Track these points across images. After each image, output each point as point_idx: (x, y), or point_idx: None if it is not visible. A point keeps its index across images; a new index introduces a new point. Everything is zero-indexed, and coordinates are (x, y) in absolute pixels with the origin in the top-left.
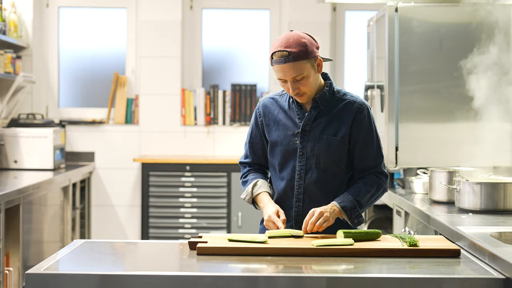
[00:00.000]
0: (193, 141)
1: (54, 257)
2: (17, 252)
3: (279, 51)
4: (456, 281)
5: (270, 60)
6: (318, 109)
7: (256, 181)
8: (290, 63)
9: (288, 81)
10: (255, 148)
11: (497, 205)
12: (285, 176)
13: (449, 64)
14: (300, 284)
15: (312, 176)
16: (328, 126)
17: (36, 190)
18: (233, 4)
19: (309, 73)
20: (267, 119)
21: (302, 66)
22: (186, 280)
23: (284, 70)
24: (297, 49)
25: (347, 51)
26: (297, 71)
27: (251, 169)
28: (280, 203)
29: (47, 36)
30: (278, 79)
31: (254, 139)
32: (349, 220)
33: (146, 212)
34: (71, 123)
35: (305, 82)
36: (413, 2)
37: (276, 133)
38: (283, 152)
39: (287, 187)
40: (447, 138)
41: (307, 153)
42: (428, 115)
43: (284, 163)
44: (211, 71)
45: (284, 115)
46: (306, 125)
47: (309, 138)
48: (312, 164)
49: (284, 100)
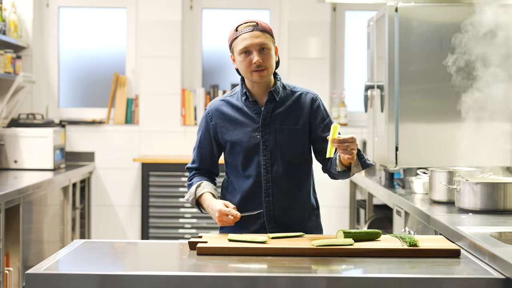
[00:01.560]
0: (193, 141)
1: (54, 257)
2: (17, 252)
3: (247, 22)
4: (456, 281)
5: (234, 33)
6: (274, 101)
7: (200, 183)
8: (259, 31)
9: (254, 51)
10: (203, 153)
11: (497, 205)
12: (251, 173)
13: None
14: (300, 284)
15: (278, 169)
16: (287, 117)
17: (36, 190)
18: (233, 4)
19: (271, 49)
20: (220, 121)
21: (268, 38)
22: (186, 280)
23: (252, 37)
24: (264, 23)
25: (347, 51)
26: (265, 39)
27: (196, 173)
28: (248, 202)
29: (47, 36)
30: (241, 51)
31: (202, 145)
32: (360, 161)
33: (146, 212)
34: (71, 123)
35: (268, 55)
36: (413, 2)
37: (235, 132)
38: (245, 149)
39: (254, 184)
40: (447, 138)
41: (271, 146)
42: (428, 115)
43: (247, 161)
44: (211, 71)
45: (240, 113)
46: (265, 118)
47: (270, 130)
48: (277, 156)
49: (236, 99)
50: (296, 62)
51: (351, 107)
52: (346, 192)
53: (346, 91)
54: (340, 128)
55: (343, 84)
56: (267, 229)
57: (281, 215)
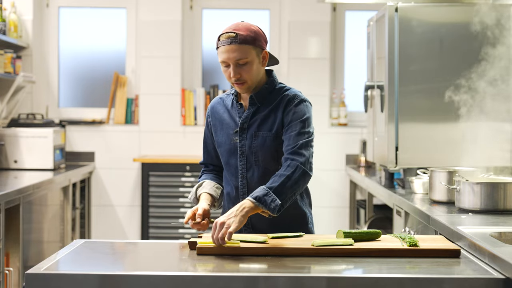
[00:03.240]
0: (193, 141)
1: (54, 257)
2: (17, 252)
3: (227, 32)
4: (456, 281)
5: (217, 43)
6: (255, 106)
7: (202, 182)
8: (236, 45)
9: (231, 65)
10: (209, 148)
11: (497, 205)
12: (230, 176)
13: (449, 64)
14: (300, 284)
15: (253, 174)
16: (264, 123)
17: (36, 190)
18: (233, 4)
19: (253, 60)
20: (214, 119)
21: (247, 50)
22: (186, 280)
23: (228, 51)
24: (245, 33)
25: (347, 51)
26: (242, 54)
27: (205, 170)
28: (230, 204)
29: (47, 36)
30: (221, 62)
31: (207, 140)
32: (267, 209)
33: (146, 212)
34: (71, 123)
35: (247, 68)
36: (413, 2)
37: (221, 133)
38: (227, 151)
39: (233, 187)
40: (447, 138)
41: (246, 151)
42: (428, 115)
43: (227, 163)
44: (211, 71)
45: (228, 115)
46: (244, 123)
47: (247, 136)
48: (252, 162)
49: (229, 100)
50: (296, 62)
51: (351, 107)
52: (346, 192)
53: (346, 91)
54: (340, 128)
55: (343, 84)
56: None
57: (257, 220)
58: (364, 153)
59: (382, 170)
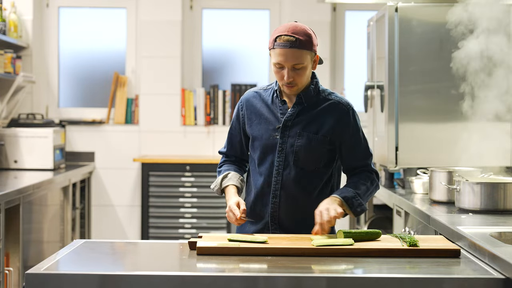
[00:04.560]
0: (193, 141)
1: (54, 257)
2: (17, 252)
3: (287, 35)
4: (456, 281)
5: (273, 43)
6: (301, 105)
7: (227, 173)
8: (295, 49)
9: (286, 68)
10: (234, 140)
11: (497, 205)
12: (263, 171)
13: (449, 64)
14: (300, 284)
15: (290, 173)
16: (310, 124)
17: (36, 190)
18: (233, 4)
19: (307, 65)
20: (249, 112)
21: (304, 55)
22: (186, 280)
23: (287, 55)
24: (304, 38)
25: (347, 51)
26: (299, 59)
27: (227, 160)
28: (258, 199)
29: (47, 36)
30: (275, 63)
31: (233, 131)
32: (351, 210)
33: (146, 212)
34: (71, 123)
35: (301, 72)
36: (413, 2)
37: (258, 127)
38: (263, 146)
39: (265, 183)
40: (447, 138)
41: (287, 149)
42: (428, 115)
43: (263, 158)
44: (211, 71)
45: (267, 110)
46: (288, 121)
47: (290, 133)
48: (291, 160)
49: (268, 95)
50: None
51: None
52: None
53: (346, 91)
54: None
55: (343, 84)
56: (270, 230)
57: (286, 219)
58: None
59: (382, 170)
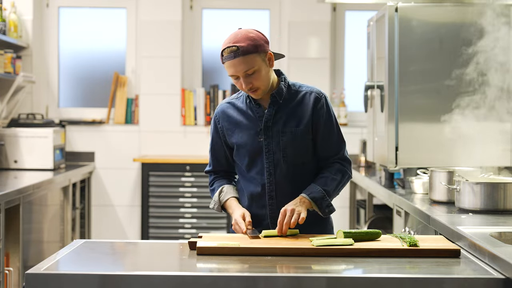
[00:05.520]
0: (193, 141)
1: (54, 257)
2: (17, 252)
3: (228, 47)
4: (456, 281)
5: (221, 58)
6: (277, 104)
7: (222, 188)
8: (240, 58)
9: (240, 77)
10: (218, 155)
11: (497, 205)
12: (255, 175)
13: (449, 64)
14: (300, 284)
15: (281, 171)
16: (289, 119)
17: (36, 190)
18: (233, 4)
19: (260, 67)
20: (227, 124)
21: (252, 60)
22: (186, 280)
23: (235, 65)
24: (246, 43)
25: (347, 51)
26: (248, 65)
27: (216, 177)
28: (254, 204)
29: (47, 36)
30: (230, 76)
31: (216, 146)
32: (319, 211)
33: (146, 212)
34: (71, 123)
35: (257, 76)
36: (413, 2)
37: (240, 134)
38: (250, 152)
39: (258, 186)
40: (447, 138)
41: (273, 149)
42: (428, 115)
43: (252, 163)
44: (211, 71)
45: (244, 117)
46: (268, 121)
47: (273, 133)
48: (280, 158)
49: (241, 102)
50: (296, 62)
51: (351, 107)
52: (346, 192)
53: (346, 91)
54: (341, 127)
55: (343, 84)
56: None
57: None
58: (364, 153)
59: (382, 170)
